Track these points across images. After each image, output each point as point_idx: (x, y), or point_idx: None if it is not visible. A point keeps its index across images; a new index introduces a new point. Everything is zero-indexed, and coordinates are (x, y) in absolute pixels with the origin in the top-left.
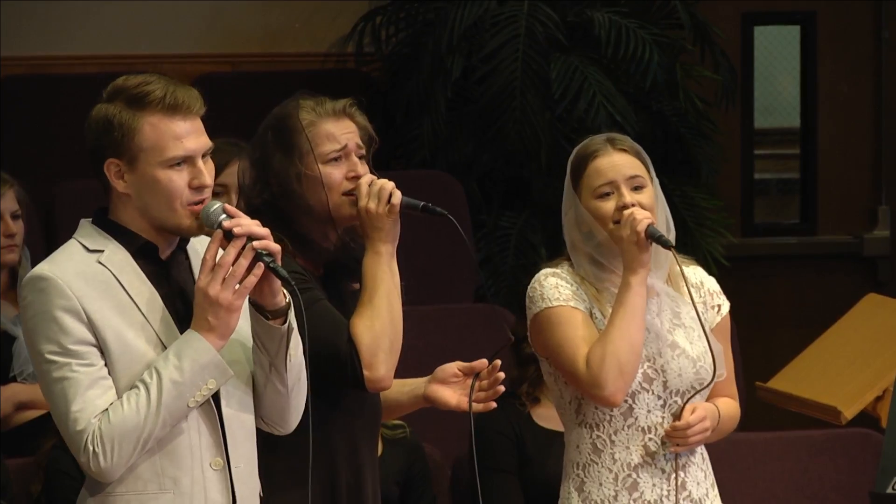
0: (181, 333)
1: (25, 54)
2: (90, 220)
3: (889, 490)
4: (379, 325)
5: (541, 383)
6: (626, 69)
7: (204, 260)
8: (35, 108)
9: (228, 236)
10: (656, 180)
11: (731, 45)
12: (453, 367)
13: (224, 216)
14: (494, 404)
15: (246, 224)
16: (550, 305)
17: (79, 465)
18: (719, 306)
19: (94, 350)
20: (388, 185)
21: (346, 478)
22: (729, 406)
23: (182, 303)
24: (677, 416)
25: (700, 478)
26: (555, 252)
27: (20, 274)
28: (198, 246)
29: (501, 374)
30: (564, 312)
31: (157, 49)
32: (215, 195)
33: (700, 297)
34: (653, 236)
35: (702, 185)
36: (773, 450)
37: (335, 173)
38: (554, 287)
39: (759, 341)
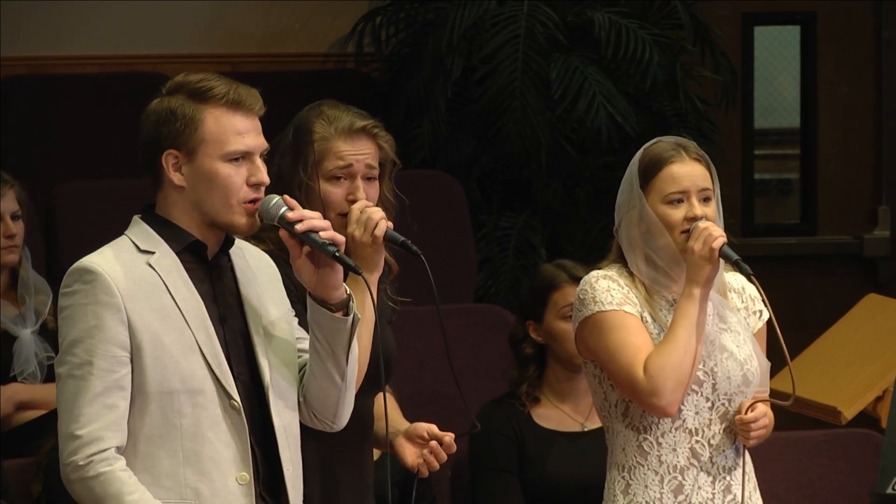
0: (219, 338)
1: (26, 54)
2: (140, 215)
3: (889, 490)
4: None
5: (541, 383)
6: (626, 69)
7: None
8: (35, 108)
9: (289, 227)
10: (719, 193)
11: (731, 45)
12: (424, 428)
13: (285, 208)
14: (437, 466)
15: (308, 216)
16: (603, 309)
17: None
18: (760, 312)
19: (123, 355)
20: (377, 214)
21: (319, 493)
22: (770, 411)
23: (223, 304)
24: (724, 418)
25: (745, 477)
26: (555, 252)
27: (20, 275)
28: (238, 250)
29: (453, 448)
30: (618, 317)
31: (157, 49)
32: None
33: (742, 302)
34: (727, 258)
35: None
36: (773, 450)
37: (336, 192)
38: (606, 290)
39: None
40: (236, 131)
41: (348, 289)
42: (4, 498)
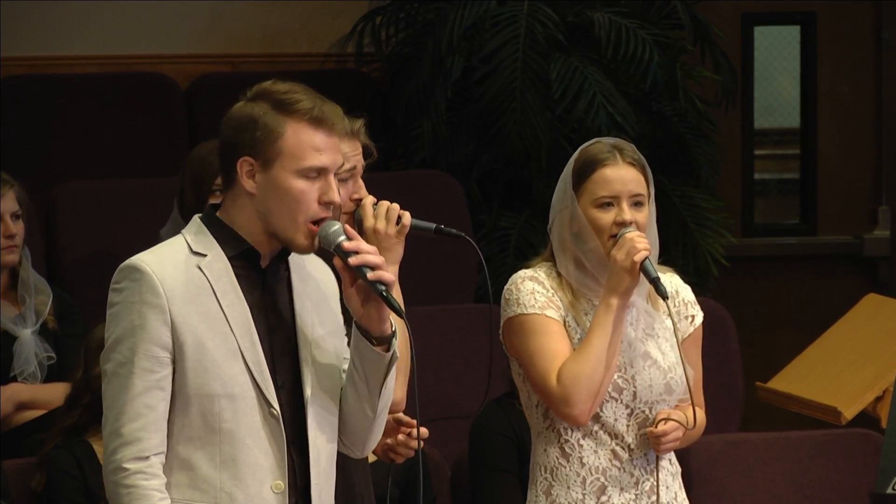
0: (264, 347)
1: (26, 54)
2: (200, 216)
3: (889, 490)
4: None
5: None
6: (626, 69)
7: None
8: (35, 108)
9: (344, 256)
10: (653, 197)
11: (731, 45)
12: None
13: (343, 237)
14: (401, 458)
15: (364, 250)
16: (525, 312)
17: (79, 464)
18: (693, 316)
19: (164, 356)
20: (395, 206)
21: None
22: (698, 416)
23: (273, 314)
24: (643, 424)
25: (669, 482)
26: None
27: (20, 275)
28: (300, 260)
29: (425, 435)
30: (539, 321)
31: (157, 49)
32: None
33: (675, 306)
34: (647, 273)
35: (702, 185)
36: (773, 450)
37: (340, 194)
38: (530, 293)
39: (759, 341)
40: (315, 147)
41: (395, 325)
42: (4, 498)
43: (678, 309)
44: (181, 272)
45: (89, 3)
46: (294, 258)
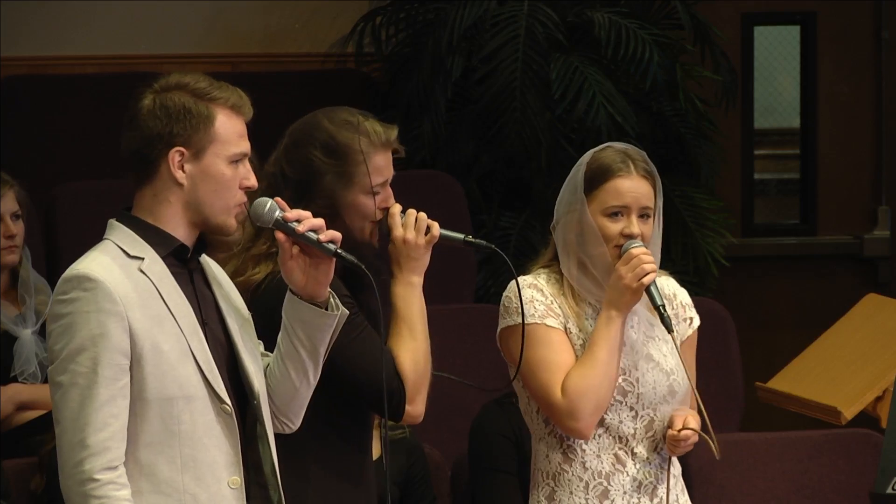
0: (207, 342)
1: (26, 54)
2: (116, 219)
3: (889, 490)
4: (423, 360)
5: None
6: (626, 69)
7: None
8: (35, 108)
9: (287, 229)
10: (660, 210)
11: (731, 45)
12: None
13: (280, 211)
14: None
15: (305, 216)
16: (525, 321)
17: None
18: (691, 319)
19: (125, 364)
20: (423, 215)
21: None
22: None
23: (204, 307)
24: (649, 427)
25: (671, 483)
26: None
27: (21, 275)
28: (204, 258)
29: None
30: (539, 331)
31: (157, 49)
32: None
33: (672, 308)
34: (652, 299)
35: (702, 185)
36: (773, 450)
37: (370, 203)
38: (529, 301)
39: (759, 341)
40: (239, 134)
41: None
42: (5, 498)
43: (676, 312)
44: (127, 278)
45: (89, 3)
46: (203, 258)
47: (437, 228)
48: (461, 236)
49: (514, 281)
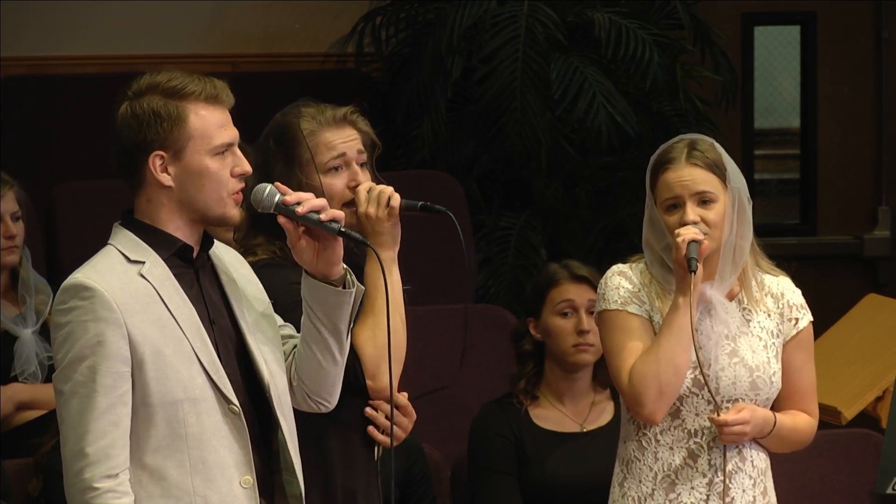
0: (213, 344)
1: (26, 54)
2: (120, 223)
3: (889, 490)
4: (381, 334)
5: (539, 382)
6: (626, 69)
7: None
8: (35, 108)
9: (288, 212)
10: (735, 190)
11: (731, 45)
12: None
13: (280, 195)
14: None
15: (305, 198)
16: (608, 308)
17: None
18: (797, 319)
19: (125, 371)
20: (387, 189)
21: (343, 488)
22: (799, 420)
23: (211, 306)
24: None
25: (747, 485)
26: (555, 252)
27: (21, 275)
28: (219, 251)
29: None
30: (620, 318)
31: (157, 49)
32: None
33: (777, 307)
34: (688, 262)
35: None
36: None
37: (336, 183)
38: (615, 288)
39: None
40: (219, 124)
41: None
42: (5, 498)
43: (781, 311)
44: (126, 283)
45: (89, 3)
46: (213, 252)
47: (396, 199)
48: (417, 203)
49: (611, 268)
